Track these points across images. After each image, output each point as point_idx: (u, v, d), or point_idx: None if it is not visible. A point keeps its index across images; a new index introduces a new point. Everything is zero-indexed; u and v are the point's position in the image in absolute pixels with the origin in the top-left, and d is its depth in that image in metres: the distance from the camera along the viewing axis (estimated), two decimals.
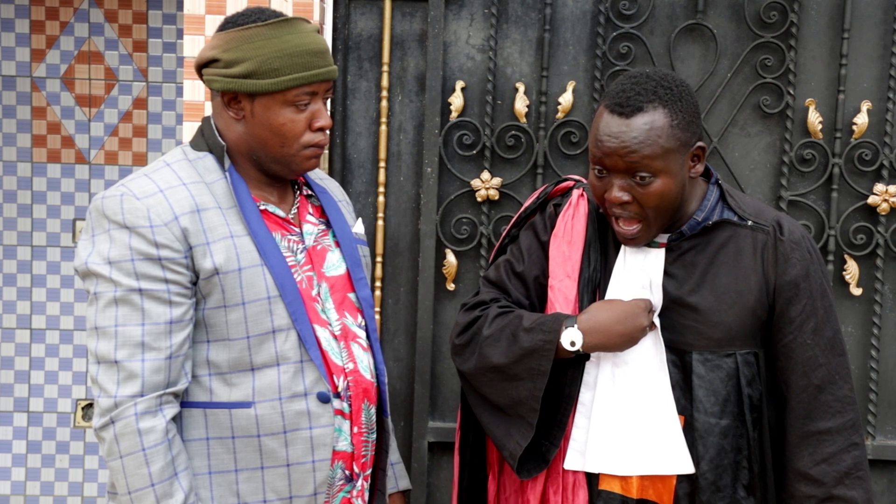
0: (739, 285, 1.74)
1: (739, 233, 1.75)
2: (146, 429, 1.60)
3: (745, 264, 1.74)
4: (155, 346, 1.62)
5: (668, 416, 1.75)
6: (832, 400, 1.73)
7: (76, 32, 3.27)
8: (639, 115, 1.65)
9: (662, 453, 1.75)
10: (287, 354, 1.69)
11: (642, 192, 1.67)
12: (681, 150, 1.68)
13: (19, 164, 3.32)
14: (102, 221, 1.64)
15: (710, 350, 1.73)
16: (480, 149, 2.61)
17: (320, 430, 1.70)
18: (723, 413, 1.73)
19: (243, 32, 1.67)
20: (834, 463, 1.73)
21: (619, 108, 1.66)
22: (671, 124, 1.66)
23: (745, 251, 1.74)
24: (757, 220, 1.76)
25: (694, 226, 1.75)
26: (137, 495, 1.62)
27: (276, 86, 1.66)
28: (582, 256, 1.83)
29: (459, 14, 2.62)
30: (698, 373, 1.73)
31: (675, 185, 1.68)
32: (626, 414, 1.77)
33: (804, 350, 1.73)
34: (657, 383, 1.75)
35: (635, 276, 1.78)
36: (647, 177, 1.65)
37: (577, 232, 1.84)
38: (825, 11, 2.57)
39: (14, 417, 3.38)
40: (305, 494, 1.71)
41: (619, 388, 1.78)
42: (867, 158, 2.57)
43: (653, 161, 1.64)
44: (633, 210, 1.69)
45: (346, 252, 1.84)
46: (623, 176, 1.67)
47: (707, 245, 1.76)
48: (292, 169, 1.76)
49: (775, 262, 1.73)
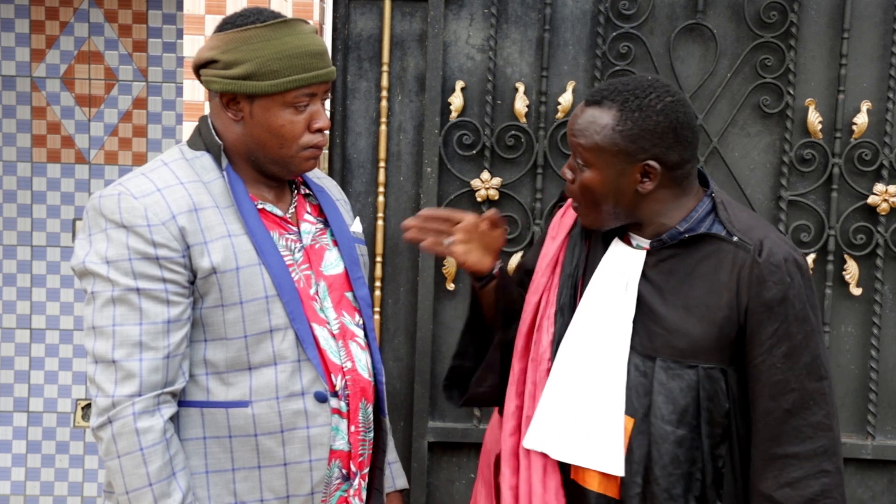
0: (710, 300, 1.73)
1: (723, 248, 1.74)
2: (144, 428, 1.60)
3: (720, 280, 1.73)
4: (152, 346, 1.61)
5: (614, 415, 1.75)
6: (803, 425, 1.70)
7: (76, 32, 3.27)
8: (592, 108, 1.74)
9: (598, 449, 1.76)
10: (284, 354, 1.69)
11: (579, 177, 1.76)
12: (619, 156, 1.71)
13: (19, 164, 3.32)
14: (99, 220, 1.64)
15: (673, 359, 1.73)
16: (480, 149, 2.61)
17: (317, 430, 1.70)
18: (679, 423, 1.73)
19: (242, 33, 1.67)
20: (799, 488, 1.69)
21: (589, 96, 1.76)
22: (613, 127, 1.70)
23: (723, 267, 1.73)
24: (743, 237, 1.73)
25: (674, 235, 1.76)
26: (135, 495, 1.61)
27: (276, 87, 1.66)
28: (564, 250, 1.89)
29: (459, 14, 2.62)
30: (659, 379, 1.73)
31: (603, 186, 1.73)
32: (575, 401, 1.78)
33: (773, 373, 1.70)
34: (611, 380, 1.76)
35: (615, 275, 1.80)
36: (581, 164, 1.75)
37: (564, 227, 1.92)
38: (825, 11, 2.57)
39: (14, 417, 3.38)
40: (302, 493, 1.70)
41: (576, 375, 1.79)
42: (867, 158, 2.57)
43: (585, 151, 1.73)
44: (572, 190, 1.78)
45: (344, 251, 1.84)
46: (575, 156, 1.77)
47: (688, 256, 1.76)
48: (291, 170, 1.76)
49: (749, 283, 1.71)
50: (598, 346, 1.78)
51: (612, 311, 1.78)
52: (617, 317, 1.78)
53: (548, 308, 1.87)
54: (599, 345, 1.78)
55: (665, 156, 1.71)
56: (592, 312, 1.80)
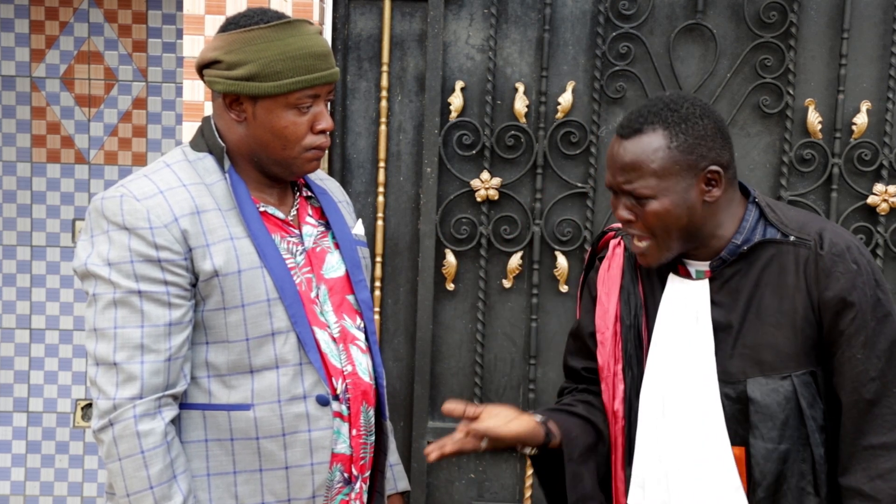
0: (784, 305, 1.69)
1: (783, 250, 1.70)
2: (145, 431, 1.60)
3: (788, 283, 1.69)
4: (154, 348, 1.61)
5: (721, 451, 1.70)
6: (888, 413, 1.66)
7: (76, 32, 3.27)
8: (636, 137, 1.65)
9: (715, 489, 1.71)
10: (286, 357, 1.68)
11: (642, 212, 1.67)
12: (683, 172, 1.65)
13: (19, 164, 3.32)
14: (102, 222, 1.64)
15: (764, 375, 1.69)
16: (480, 149, 2.61)
17: (319, 433, 1.70)
18: (781, 438, 1.68)
19: (246, 34, 1.67)
20: (890, 479, 1.65)
21: (621, 130, 1.68)
22: (668, 146, 1.64)
23: (788, 269, 1.70)
24: (800, 234, 1.70)
25: (734, 251, 1.71)
26: (136, 498, 1.61)
27: (279, 89, 1.66)
28: (619, 303, 1.82)
29: (459, 14, 2.62)
30: (754, 399, 1.68)
31: (676, 207, 1.66)
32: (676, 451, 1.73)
33: (853, 364, 1.66)
34: (709, 417, 1.71)
35: (682, 310, 1.75)
36: (643, 198, 1.66)
37: (613, 279, 1.84)
38: (825, 11, 2.57)
39: (14, 417, 3.38)
40: (304, 497, 1.70)
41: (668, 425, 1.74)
42: (867, 158, 2.57)
43: (646, 182, 1.64)
44: (639, 228, 1.69)
45: (345, 254, 1.84)
46: (626, 196, 1.68)
47: (750, 268, 1.72)
48: (293, 171, 1.75)
49: (817, 279, 1.67)
50: (682, 386, 1.73)
51: (689, 347, 1.73)
52: (695, 351, 1.72)
53: (615, 365, 1.81)
54: (683, 385, 1.72)
55: (721, 157, 1.67)
56: (667, 354, 1.75)
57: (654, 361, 1.76)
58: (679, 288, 1.76)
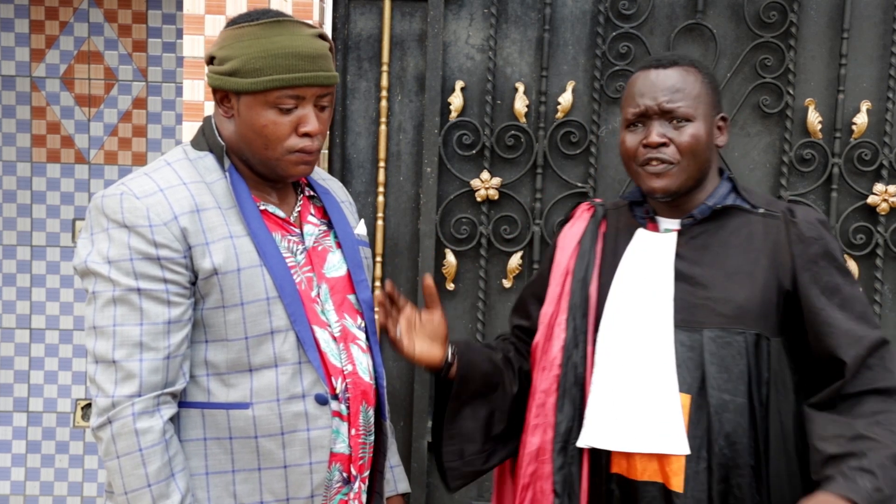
0: (749, 266, 1.76)
1: (751, 220, 1.80)
2: (143, 429, 1.60)
3: (755, 247, 1.78)
4: (153, 346, 1.61)
5: (669, 395, 1.74)
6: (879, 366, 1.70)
7: (76, 32, 3.27)
8: (674, 67, 1.80)
9: (659, 432, 1.74)
10: (285, 356, 1.68)
11: (678, 135, 1.77)
12: (710, 108, 1.80)
13: (19, 163, 3.32)
14: (102, 220, 1.64)
15: (721, 327, 1.74)
16: (480, 149, 2.61)
17: (318, 432, 1.69)
18: (737, 391, 1.73)
19: (236, 31, 1.67)
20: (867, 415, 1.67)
21: (656, 63, 1.82)
22: (702, 80, 1.80)
23: (756, 236, 1.79)
24: (769, 208, 1.81)
25: (705, 210, 1.81)
26: (134, 496, 1.61)
27: (256, 86, 1.65)
28: (573, 258, 1.90)
29: (459, 14, 2.62)
30: (709, 349, 1.73)
31: (705, 137, 1.78)
32: (625, 390, 1.78)
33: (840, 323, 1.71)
34: (660, 361, 1.76)
35: (645, 259, 1.81)
36: (683, 120, 1.76)
37: (573, 237, 1.93)
38: (825, 11, 2.57)
39: (14, 417, 3.38)
40: (302, 496, 1.70)
41: (621, 364, 1.79)
42: (867, 158, 2.57)
43: (689, 103, 1.77)
44: (670, 153, 1.77)
45: (347, 253, 1.84)
46: (661, 121, 1.78)
47: (718, 230, 1.81)
48: (278, 173, 1.73)
49: (790, 244, 1.76)
50: (639, 330, 1.78)
51: (649, 293, 1.79)
52: (655, 297, 1.78)
53: (558, 316, 1.88)
54: (640, 329, 1.78)
55: (723, 110, 1.83)
56: (626, 300, 1.81)
57: (612, 307, 1.82)
58: (646, 239, 1.85)
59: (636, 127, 1.80)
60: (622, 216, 1.92)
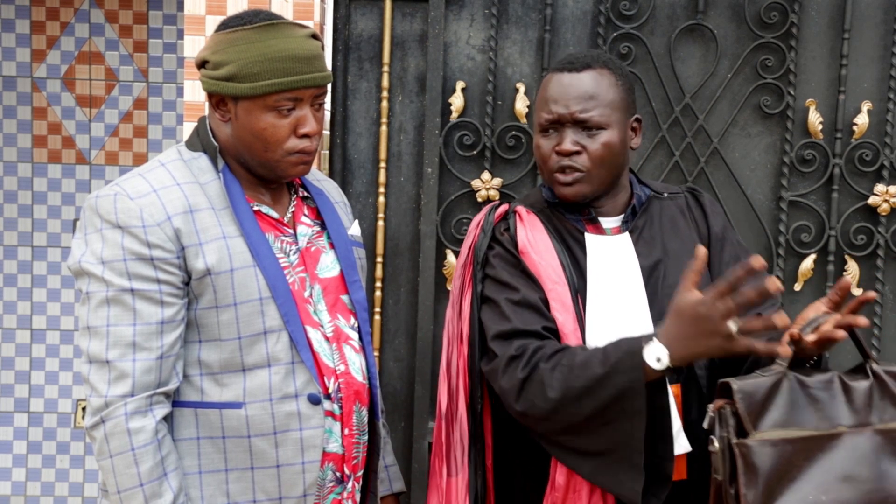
0: (687, 246, 1.83)
1: (664, 204, 1.89)
2: (136, 429, 1.60)
3: (681, 226, 1.86)
4: (146, 346, 1.62)
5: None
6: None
7: (76, 33, 3.27)
8: (588, 71, 1.77)
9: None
10: (278, 355, 1.69)
11: (591, 143, 1.76)
12: (624, 111, 1.79)
13: (20, 164, 3.32)
14: (95, 220, 1.65)
15: None
16: (481, 149, 2.61)
17: (310, 432, 1.70)
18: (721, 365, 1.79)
19: (230, 35, 1.67)
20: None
21: (569, 66, 1.78)
22: (616, 83, 1.78)
23: (677, 216, 1.87)
24: (669, 191, 1.91)
25: (640, 201, 1.86)
26: (126, 495, 1.62)
27: (254, 90, 1.65)
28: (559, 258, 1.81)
29: (460, 14, 2.62)
30: None
31: (618, 143, 1.78)
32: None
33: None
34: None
35: (609, 263, 1.81)
36: (596, 129, 1.76)
37: (544, 241, 1.83)
38: (825, 12, 2.57)
39: (14, 418, 3.38)
40: (295, 496, 1.70)
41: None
42: (868, 159, 2.56)
43: (602, 111, 1.75)
44: (581, 162, 1.77)
45: (340, 254, 1.84)
46: (574, 129, 1.77)
47: (651, 220, 1.86)
48: (278, 174, 1.74)
49: (703, 217, 1.89)
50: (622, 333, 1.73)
51: (622, 296, 1.79)
52: (629, 298, 1.78)
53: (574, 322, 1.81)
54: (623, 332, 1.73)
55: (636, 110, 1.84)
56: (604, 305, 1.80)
57: (594, 312, 1.80)
58: (601, 243, 1.84)
59: (549, 133, 1.80)
60: (555, 218, 1.87)
